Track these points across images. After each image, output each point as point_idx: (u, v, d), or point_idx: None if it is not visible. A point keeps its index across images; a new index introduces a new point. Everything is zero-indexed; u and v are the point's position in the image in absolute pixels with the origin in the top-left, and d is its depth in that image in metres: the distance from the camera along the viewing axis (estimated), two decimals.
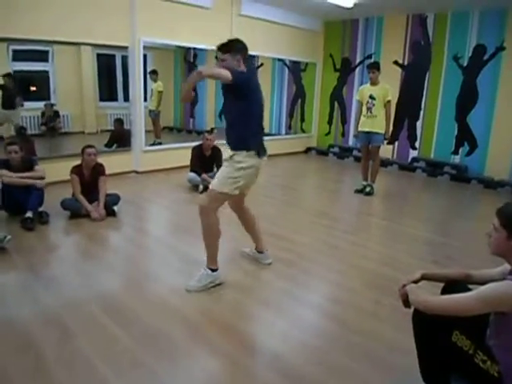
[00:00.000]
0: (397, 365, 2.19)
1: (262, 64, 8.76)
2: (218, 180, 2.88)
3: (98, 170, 4.47)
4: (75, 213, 4.31)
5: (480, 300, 1.54)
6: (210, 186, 2.94)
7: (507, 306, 1.50)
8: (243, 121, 2.87)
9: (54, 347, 2.23)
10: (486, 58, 6.92)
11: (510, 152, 6.82)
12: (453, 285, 1.94)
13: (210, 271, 2.98)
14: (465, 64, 7.17)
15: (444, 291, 1.97)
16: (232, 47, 2.84)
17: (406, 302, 1.81)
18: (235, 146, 2.90)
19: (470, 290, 1.88)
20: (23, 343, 2.25)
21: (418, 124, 7.87)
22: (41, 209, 4.21)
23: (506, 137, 6.81)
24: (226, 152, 2.97)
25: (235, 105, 2.85)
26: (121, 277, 3.17)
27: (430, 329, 1.69)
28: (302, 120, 9.68)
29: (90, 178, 4.43)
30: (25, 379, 1.98)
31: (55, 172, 5.00)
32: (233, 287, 3.04)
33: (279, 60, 8.93)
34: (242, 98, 2.80)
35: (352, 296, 2.96)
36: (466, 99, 7.22)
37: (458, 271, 2.02)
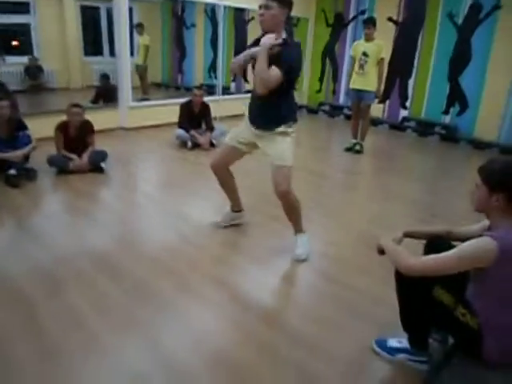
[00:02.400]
0: (382, 316, 2.26)
1: (252, 18, 8.49)
2: (285, 156, 2.70)
3: (86, 127, 4.39)
4: (62, 169, 4.26)
5: (459, 257, 1.57)
6: (279, 163, 2.69)
7: (484, 261, 1.54)
8: (291, 93, 2.71)
9: (45, 301, 2.26)
10: (481, 16, 6.76)
11: (499, 114, 6.80)
12: (435, 241, 1.99)
13: (305, 236, 2.94)
14: (459, 22, 7.01)
15: (427, 247, 2.01)
16: (284, 1, 2.47)
17: (381, 251, 1.88)
18: (287, 119, 2.70)
19: (451, 245, 1.92)
20: (14, 298, 2.27)
21: (410, 83, 7.78)
22: (28, 165, 4.15)
23: (497, 98, 6.77)
24: (280, 129, 2.70)
25: (286, 79, 2.52)
26: (110, 232, 3.17)
27: (412, 283, 1.72)
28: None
29: (76, 135, 4.35)
30: (16, 332, 2.02)
31: (40, 128, 4.89)
32: (224, 244, 3.08)
33: None
34: (292, 74, 2.59)
35: (339, 251, 3.03)
36: (459, 59, 7.11)
37: (440, 228, 2.06)
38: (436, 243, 1.96)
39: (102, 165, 4.42)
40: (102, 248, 2.90)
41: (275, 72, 2.44)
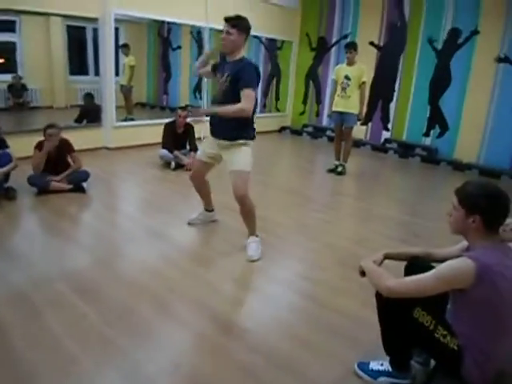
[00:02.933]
0: (363, 339, 2.25)
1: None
2: (244, 161, 3.04)
3: (64, 147, 4.33)
4: (42, 189, 4.20)
5: (437, 279, 1.58)
6: (239, 168, 3.04)
7: (462, 281, 1.56)
8: (252, 111, 2.97)
9: (21, 325, 2.19)
10: (460, 41, 6.99)
11: (478, 136, 6.97)
12: (415, 262, 2.00)
13: (258, 238, 3.24)
14: (439, 47, 7.23)
15: (407, 269, 2.02)
16: (241, 24, 2.88)
17: (363, 273, 1.89)
18: (248, 136, 3.07)
19: (432, 266, 1.94)
20: None
21: (392, 106, 7.95)
22: (7, 184, 4.09)
23: (476, 121, 6.95)
24: (242, 140, 3.07)
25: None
26: (89, 254, 3.11)
27: (393, 305, 1.73)
28: (277, 99, 9.62)
29: (55, 155, 4.29)
30: None
31: (22, 147, 4.82)
32: (203, 264, 3.05)
33: (255, 37, 8.80)
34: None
35: (322, 273, 3.02)
36: (440, 82, 7.30)
37: (419, 249, 2.08)
38: (416, 264, 1.98)
39: (84, 185, 4.37)
40: (81, 270, 2.84)
41: (246, 94, 2.82)
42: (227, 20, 2.87)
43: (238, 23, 2.86)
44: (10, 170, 4.07)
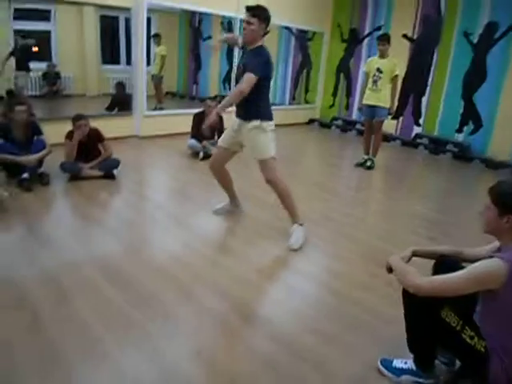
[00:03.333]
0: (387, 335, 2.23)
1: (268, 31, 8.57)
2: (264, 148, 3.12)
3: (94, 135, 4.42)
4: (74, 175, 4.31)
5: (468, 279, 1.55)
6: (260, 157, 3.15)
7: (494, 282, 1.52)
8: (265, 94, 3.13)
9: (50, 307, 2.27)
10: (497, 36, 6.75)
11: None
12: (444, 261, 1.97)
13: (301, 226, 3.26)
14: (475, 41, 7.00)
15: (435, 267, 1.99)
16: (261, 14, 2.96)
17: (390, 269, 1.87)
18: (261, 116, 3.10)
19: (461, 265, 1.90)
20: (20, 301, 2.28)
21: (424, 100, 7.76)
22: (41, 170, 4.21)
23: (511, 118, 6.73)
24: (249, 123, 3.12)
25: (257, 83, 2.97)
26: (117, 240, 3.19)
27: (420, 304, 1.71)
28: (307, 91, 9.53)
29: (86, 144, 4.36)
30: (20, 335, 2.03)
31: (55, 134, 4.96)
32: (229, 254, 3.08)
33: (286, 28, 8.73)
34: (264, 79, 3.01)
35: (347, 268, 3.00)
36: (474, 77, 7.08)
37: (449, 248, 2.05)
38: (445, 263, 1.95)
39: (114, 172, 4.46)
40: (109, 255, 2.91)
41: (246, 78, 2.91)
42: (248, 9, 2.95)
43: (258, 13, 2.93)
44: (44, 156, 4.19)
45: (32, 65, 7.08)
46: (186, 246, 3.12)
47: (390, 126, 7.59)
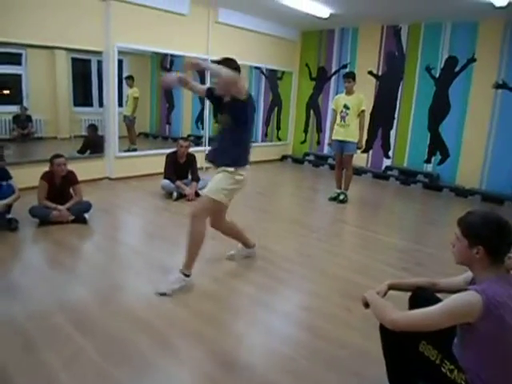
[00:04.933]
0: (366, 373, 2.19)
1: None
2: (214, 188, 3.00)
3: (70, 178, 4.38)
4: (44, 219, 4.20)
5: (444, 314, 1.55)
6: (203, 193, 3.09)
7: (470, 316, 1.52)
8: (246, 138, 3.09)
9: (17, 358, 2.15)
10: (457, 69, 7.11)
11: (480, 162, 7.00)
12: (420, 293, 1.97)
13: (183, 276, 3.01)
14: (437, 75, 7.35)
15: (411, 300, 1.99)
16: (230, 65, 2.93)
17: (366, 304, 1.85)
18: (237, 162, 3.03)
19: (437, 297, 1.91)
20: None
21: (392, 133, 8.01)
22: (9, 215, 4.09)
23: (476, 146, 7.00)
24: (222, 168, 3.04)
25: (239, 124, 2.98)
26: (89, 286, 3.08)
27: (398, 339, 1.69)
28: (278, 128, 9.72)
29: (60, 185, 4.34)
30: None
31: (25, 178, 4.87)
32: (203, 295, 3.01)
33: (256, 68, 8.97)
34: (246, 117, 3.00)
35: (323, 304, 2.97)
36: (439, 109, 7.39)
37: (424, 279, 2.05)
38: (421, 296, 1.95)
39: (85, 216, 4.37)
40: (80, 303, 2.80)
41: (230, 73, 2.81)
42: (218, 63, 2.94)
43: (227, 64, 2.91)
44: (13, 202, 4.09)
45: (1, 108, 7.01)
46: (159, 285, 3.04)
47: (360, 159, 7.78)
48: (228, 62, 2.95)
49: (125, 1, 6.00)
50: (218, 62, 2.95)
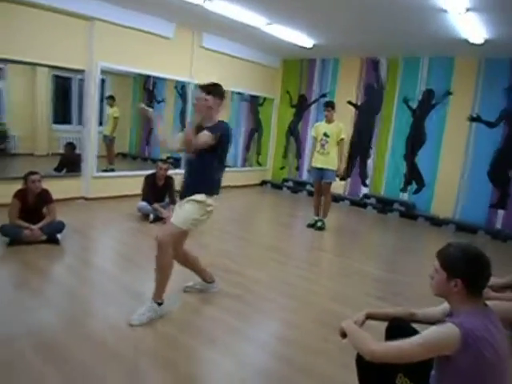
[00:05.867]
0: None
1: None
2: (183, 217, 2.90)
3: (44, 196, 4.27)
4: (15, 239, 4.05)
5: (422, 346, 1.53)
6: (172, 222, 2.93)
7: (447, 348, 1.51)
8: (218, 167, 3.01)
9: None
10: (434, 101, 7.34)
11: (454, 191, 7.16)
12: (397, 323, 1.96)
13: (156, 305, 2.90)
14: (414, 106, 7.56)
15: (389, 330, 1.98)
16: (215, 91, 2.95)
17: (344, 334, 1.82)
18: (208, 191, 2.95)
19: (414, 328, 1.89)
20: None
21: (370, 162, 8.15)
22: None
23: (451, 177, 7.18)
24: (193, 196, 2.92)
25: (212, 153, 2.90)
26: (58, 311, 2.96)
27: (374, 370, 1.67)
28: (258, 153, 9.78)
29: (34, 204, 4.22)
30: None
31: None
32: (177, 324, 2.92)
33: (238, 93, 9.06)
34: (220, 148, 2.93)
35: (300, 334, 2.93)
36: (415, 140, 7.58)
37: (402, 309, 2.04)
38: (398, 326, 1.94)
39: (58, 236, 4.25)
40: (46, 328, 2.68)
41: (203, 133, 2.80)
42: (202, 87, 2.94)
43: (212, 89, 2.93)
44: None
45: None
46: (131, 315, 2.94)
47: (338, 186, 7.85)
48: (213, 88, 2.95)
49: (109, 21, 6.01)
50: (206, 86, 2.94)
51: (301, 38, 6.91)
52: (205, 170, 2.96)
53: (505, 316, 2.77)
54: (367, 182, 8.21)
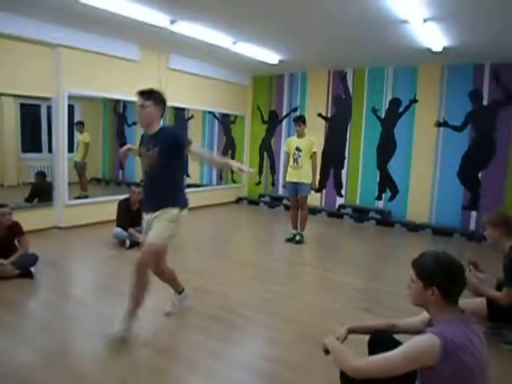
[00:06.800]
0: None
1: (192, 116, 8.85)
2: (158, 233, 2.89)
3: (14, 229, 4.15)
4: None
5: (404, 358, 1.54)
6: (151, 241, 2.88)
7: (429, 359, 1.52)
8: (181, 178, 3.06)
9: None
10: (401, 110, 7.52)
11: (427, 196, 7.31)
12: (378, 336, 1.97)
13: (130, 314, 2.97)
14: (382, 116, 7.73)
15: (371, 343, 1.98)
16: (155, 96, 2.93)
17: (327, 351, 1.82)
18: (179, 203, 2.94)
19: (395, 340, 1.90)
20: None
21: (343, 172, 8.25)
22: None
23: (424, 182, 7.35)
24: (167, 212, 2.91)
25: (175, 164, 2.93)
26: (34, 349, 2.84)
27: None
28: (233, 171, 9.75)
29: (4, 238, 4.10)
30: None
31: None
32: (156, 350, 2.86)
33: (209, 112, 9.08)
34: (180, 157, 2.94)
35: (284, 351, 2.90)
36: (386, 148, 7.73)
37: (382, 322, 2.06)
38: (379, 339, 1.95)
39: (32, 269, 4.12)
40: (24, 366, 2.58)
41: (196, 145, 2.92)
42: (141, 93, 2.91)
43: (151, 95, 2.91)
44: None
45: None
46: (114, 348, 2.86)
47: (314, 199, 7.91)
48: (153, 94, 2.93)
49: (75, 47, 5.97)
50: (144, 92, 2.92)
51: (267, 55, 7.00)
52: (173, 181, 2.97)
53: (476, 312, 2.86)
54: (342, 192, 8.30)
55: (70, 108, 6.40)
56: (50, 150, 6.45)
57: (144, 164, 3.03)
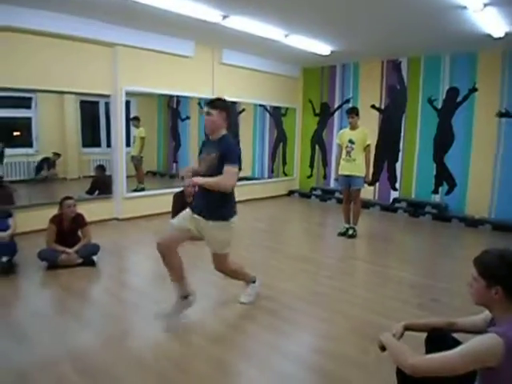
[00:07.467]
0: None
1: (243, 109, 8.93)
2: (220, 245, 3.14)
3: (79, 220, 4.41)
4: (53, 263, 4.18)
5: (464, 358, 1.49)
6: (215, 251, 3.18)
7: (491, 360, 1.47)
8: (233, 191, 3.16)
9: None
10: (459, 99, 7.18)
11: (487, 190, 6.96)
12: (436, 334, 1.92)
13: (253, 284, 3.56)
14: (439, 106, 7.42)
15: (428, 341, 1.93)
16: (220, 105, 3.09)
17: (383, 348, 1.81)
18: (229, 214, 3.11)
19: (454, 338, 1.85)
20: None
21: (398, 165, 8.02)
22: (4, 259, 4.03)
23: (484, 175, 6.98)
24: (221, 224, 3.06)
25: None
26: (97, 333, 3.03)
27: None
28: (284, 163, 9.78)
29: (69, 228, 4.37)
30: None
31: (34, 221, 4.89)
32: (211, 337, 2.95)
33: (260, 105, 9.12)
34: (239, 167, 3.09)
35: (337, 346, 2.89)
36: (443, 140, 7.42)
37: (440, 320, 2.00)
38: (437, 337, 1.89)
39: (94, 258, 4.36)
40: (87, 350, 2.75)
41: (230, 171, 2.97)
42: (207, 103, 3.10)
43: (217, 104, 3.06)
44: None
45: (12, 150, 7.18)
46: (171, 335, 2.98)
47: (368, 192, 7.75)
48: (217, 103, 3.09)
49: (131, 46, 6.19)
50: (211, 101, 3.09)
51: (318, 46, 6.92)
52: (228, 196, 3.10)
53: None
54: (397, 185, 8.08)
55: (127, 104, 6.66)
56: (108, 145, 6.74)
57: (203, 168, 3.15)
